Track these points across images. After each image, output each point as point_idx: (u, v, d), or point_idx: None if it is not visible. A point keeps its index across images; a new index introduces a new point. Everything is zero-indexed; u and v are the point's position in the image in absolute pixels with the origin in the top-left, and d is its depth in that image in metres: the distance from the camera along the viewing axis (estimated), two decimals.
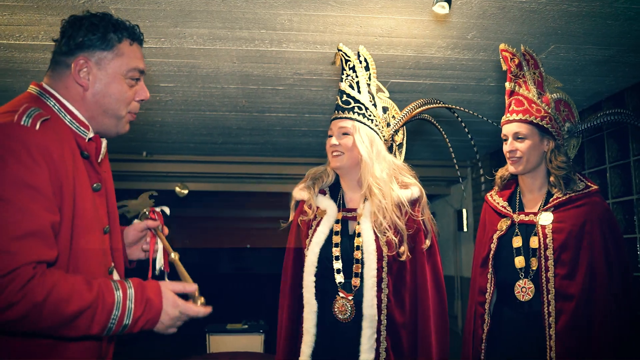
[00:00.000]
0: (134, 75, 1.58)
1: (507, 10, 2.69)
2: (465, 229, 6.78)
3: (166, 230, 1.80)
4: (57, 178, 1.36)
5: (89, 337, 1.37)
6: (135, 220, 1.84)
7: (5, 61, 3.39)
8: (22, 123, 1.32)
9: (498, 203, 2.45)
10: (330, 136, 2.22)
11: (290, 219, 2.32)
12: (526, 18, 2.77)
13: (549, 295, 2.19)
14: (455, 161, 2.72)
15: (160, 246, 1.78)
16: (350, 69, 2.25)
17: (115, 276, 1.61)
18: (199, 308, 1.47)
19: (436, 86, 3.84)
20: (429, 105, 2.49)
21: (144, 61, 1.63)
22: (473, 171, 6.65)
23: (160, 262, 1.77)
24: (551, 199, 2.30)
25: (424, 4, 2.63)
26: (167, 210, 1.85)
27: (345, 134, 2.17)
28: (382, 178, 2.13)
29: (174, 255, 1.69)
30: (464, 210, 6.82)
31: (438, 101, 2.52)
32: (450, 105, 2.60)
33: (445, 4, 2.31)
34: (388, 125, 2.30)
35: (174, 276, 1.68)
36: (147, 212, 1.83)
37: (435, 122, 2.55)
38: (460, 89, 3.91)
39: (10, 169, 1.27)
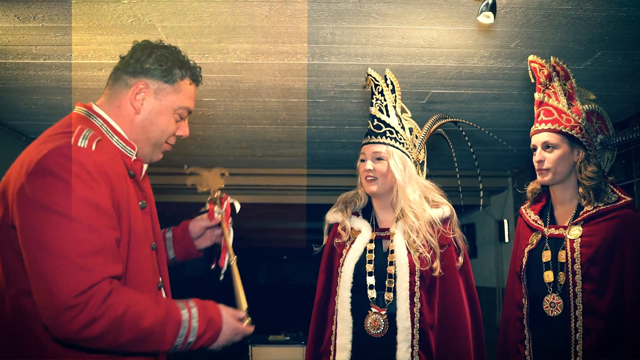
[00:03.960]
0: (183, 114, 1.63)
1: (552, 18, 2.65)
2: (506, 240, 6.65)
3: (230, 220, 1.88)
4: (114, 196, 1.40)
5: (156, 354, 1.40)
6: (202, 211, 1.92)
7: (56, 80, 3.51)
8: (79, 144, 1.37)
9: (530, 216, 2.42)
10: (363, 160, 2.26)
11: (324, 242, 2.37)
12: (572, 25, 2.73)
13: (577, 311, 2.13)
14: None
15: (224, 243, 1.84)
16: (379, 93, 2.29)
17: (163, 292, 1.64)
18: (250, 328, 1.61)
19: (478, 96, 3.81)
20: (442, 121, 2.52)
21: (195, 101, 1.69)
22: (514, 181, 6.54)
23: (225, 259, 1.82)
24: (581, 212, 2.24)
25: (467, 14, 2.62)
26: (237, 206, 1.93)
27: (379, 158, 2.22)
28: (414, 200, 2.18)
29: (233, 260, 1.76)
30: (505, 221, 6.69)
31: (447, 116, 2.56)
32: (457, 119, 2.62)
33: (491, 14, 2.29)
34: (414, 146, 2.33)
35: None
36: (218, 197, 1.88)
37: (447, 137, 2.60)
38: (502, 98, 3.86)
39: (73, 189, 1.31)
